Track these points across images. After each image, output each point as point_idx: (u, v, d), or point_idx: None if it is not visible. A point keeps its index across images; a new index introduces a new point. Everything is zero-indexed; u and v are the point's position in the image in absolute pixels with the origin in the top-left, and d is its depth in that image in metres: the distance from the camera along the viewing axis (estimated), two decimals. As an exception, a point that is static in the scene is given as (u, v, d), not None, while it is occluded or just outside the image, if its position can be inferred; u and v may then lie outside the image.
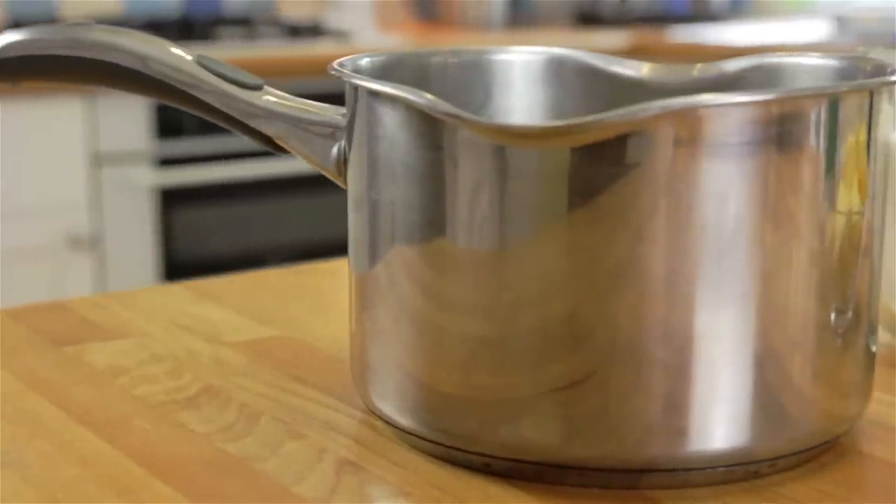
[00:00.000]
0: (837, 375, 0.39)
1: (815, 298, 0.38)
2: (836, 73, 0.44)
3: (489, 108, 0.48)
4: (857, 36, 2.02)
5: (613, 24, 2.26)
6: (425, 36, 2.21)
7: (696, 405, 0.37)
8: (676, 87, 0.47)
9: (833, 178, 0.38)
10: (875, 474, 0.39)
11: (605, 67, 0.48)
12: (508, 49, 0.48)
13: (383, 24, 2.25)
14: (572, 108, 0.48)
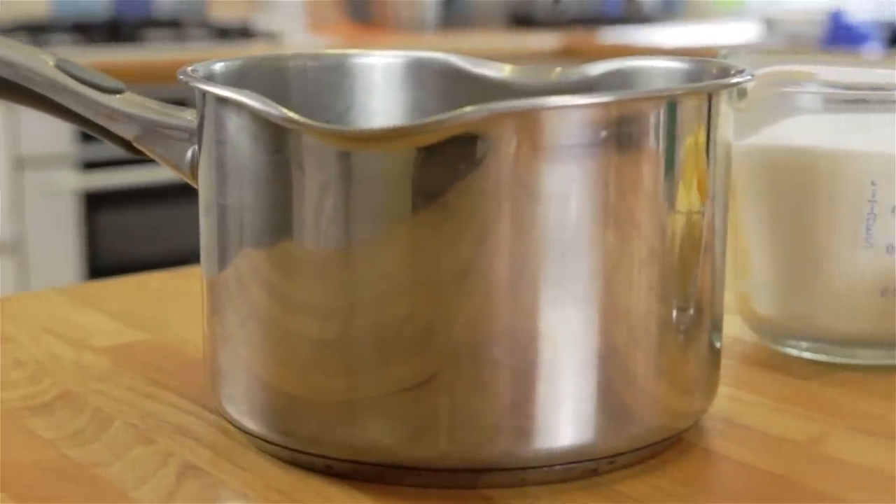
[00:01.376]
0: (680, 372, 0.39)
1: (656, 297, 0.38)
2: (684, 76, 0.44)
3: (351, 111, 0.48)
4: (785, 37, 2.05)
5: (546, 25, 2.27)
6: (357, 38, 2.21)
7: (534, 405, 0.37)
8: (538, 89, 0.47)
9: (673, 179, 0.38)
10: (716, 471, 0.39)
11: (470, 69, 0.49)
12: (370, 52, 0.48)
13: (315, 25, 2.24)
14: (434, 110, 0.48)
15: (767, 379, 0.47)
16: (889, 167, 0.45)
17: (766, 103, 0.47)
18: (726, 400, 0.44)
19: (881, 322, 0.47)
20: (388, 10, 2.29)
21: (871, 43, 1.89)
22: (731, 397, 0.45)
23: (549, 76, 0.47)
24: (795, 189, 0.47)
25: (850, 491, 0.37)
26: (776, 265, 0.48)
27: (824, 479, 0.38)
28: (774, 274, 0.48)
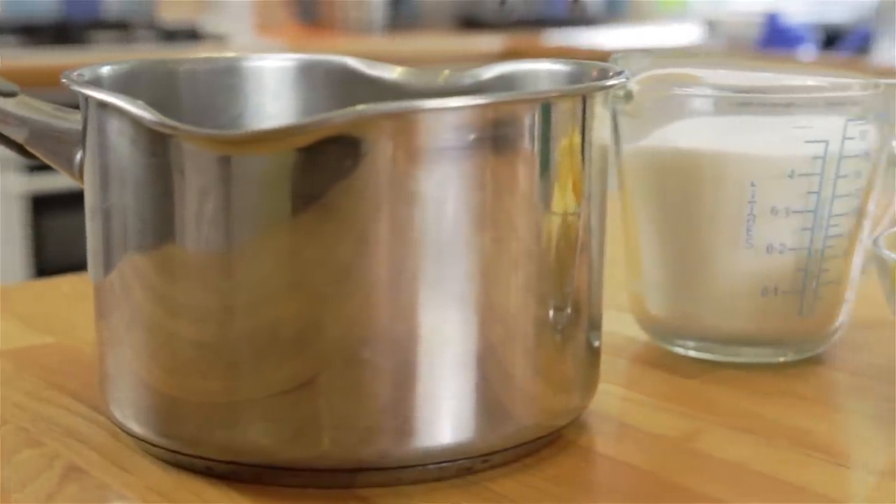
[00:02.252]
0: (557, 371, 0.40)
1: (533, 297, 0.39)
2: (566, 79, 0.45)
3: (245, 114, 0.48)
4: (726, 39, 2.08)
5: (493, 27, 2.28)
6: (305, 39, 2.21)
7: (409, 405, 0.37)
8: (426, 91, 0.48)
9: (548, 180, 0.39)
10: (591, 468, 0.40)
11: (364, 71, 0.49)
12: (264, 55, 0.48)
13: (263, 27, 2.24)
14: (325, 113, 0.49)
15: (654, 377, 0.48)
16: (767, 169, 0.46)
17: (656, 106, 0.48)
18: (610, 398, 0.45)
19: (763, 321, 0.48)
20: (336, 12, 2.29)
21: (806, 45, 1.92)
22: (615, 395, 0.46)
23: (437, 78, 0.48)
24: (681, 191, 0.48)
25: (719, 488, 0.38)
26: (664, 266, 0.49)
27: (694, 476, 0.39)
28: (663, 274, 0.49)
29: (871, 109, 0.47)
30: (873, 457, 0.41)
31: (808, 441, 0.41)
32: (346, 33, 2.26)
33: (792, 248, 0.47)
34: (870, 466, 0.40)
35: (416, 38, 2.23)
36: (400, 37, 2.25)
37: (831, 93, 0.47)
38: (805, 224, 0.46)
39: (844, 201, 0.47)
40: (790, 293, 0.47)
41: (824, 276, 0.48)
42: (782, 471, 0.39)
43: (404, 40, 2.20)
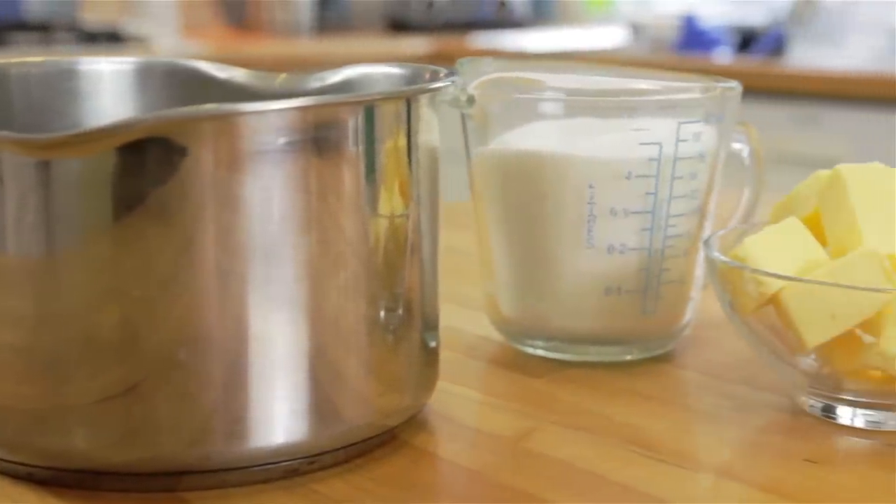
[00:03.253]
0: (388, 371, 0.41)
1: (362, 298, 0.40)
2: (400, 82, 0.46)
3: (83, 118, 0.48)
4: (649, 41, 2.10)
5: (421, 29, 2.29)
6: (232, 41, 2.19)
7: (233, 407, 0.37)
8: (266, 94, 0.48)
9: (374, 183, 0.40)
10: (420, 468, 0.40)
11: (211, 74, 0.49)
12: (99, 59, 0.48)
13: (189, 29, 2.22)
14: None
15: (501, 377, 0.49)
16: (605, 171, 0.47)
17: (502, 110, 0.49)
18: (453, 397, 0.45)
19: (608, 320, 0.48)
20: (263, 14, 2.28)
21: (722, 47, 1.94)
22: (458, 395, 0.46)
23: (274, 82, 0.48)
24: (525, 193, 0.48)
25: (544, 487, 0.38)
26: (513, 267, 0.50)
27: (521, 476, 0.39)
28: (512, 275, 0.50)
29: (705, 112, 0.48)
30: (704, 455, 0.41)
31: (641, 439, 0.42)
32: (272, 35, 2.25)
33: (632, 248, 0.47)
34: (699, 465, 0.40)
35: (344, 40, 2.22)
36: (328, 39, 2.24)
37: (664, 96, 0.48)
38: (644, 224, 0.47)
39: (682, 202, 0.48)
40: (633, 292, 0.48)
41: (666, 275, 0.48)
42: (610, 469, 0.39)
43: (332, 42, 2.20)
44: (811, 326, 0.41)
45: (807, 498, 0.37)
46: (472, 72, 0.49)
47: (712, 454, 0.41)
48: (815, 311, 0.41)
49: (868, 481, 0.38)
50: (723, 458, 0.41)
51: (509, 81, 0.48)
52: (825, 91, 1.67)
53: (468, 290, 0.55)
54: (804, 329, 0.41)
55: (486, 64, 0.51)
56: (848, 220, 0.44)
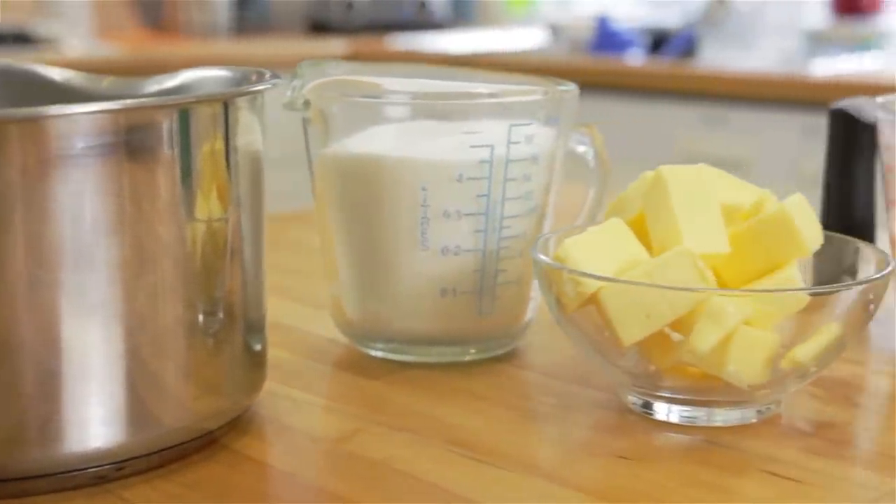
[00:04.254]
0: (206, 374, 0.40)
1: (179, 302, 0.39)
2: (228, 85, 0.46)
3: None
4: (568, 43, 2.11)
5: (340, 31, 2.28)
6: (147, 43, 2.17)
7: (45, 413, 0.37)
8: (90, 97, 0.47)
9: (190, 187, 0.39)
10: (234, 473, 0.40)
11: (44, 76, 0.49)
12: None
13: (103, 31, 2.19)
14: None
15: (338, 380, 0.49)
16: (438, 173, 0.47)
17: (342, 114, 0.49)
18: (283, 400, 0.45)
19: (445, 321, 0.49)
20: (179, 15, 2.26)
21: (635, 49, 1.97)
22: (289, 398, 0.46)
23: (101, 84, 0.47)
24: (363, 195, 0.48)
25: (357, 489, 0.38)
26: (354, 269, 0.50)
27: (335, 478, 0.39)
28: (354, 277, 0.50)
29: (538, 114, 0.48)
30: (521, 454, 0.41)
31: (463, 439, 0.42)
32: (189, 36, 2.23)
33: (467, 250, 0.48)
34: (514, 463, 0.40)
35: (262, 41, 2.21)
36: (246, 40, 2.23)
37: (496, 99, 0.48)
38: (478, 226, 0.48)
39: (516, 203, 0.48)
40: (468, 293, 0.48)
41: (502, 276, 0.49)
42: (427, 470, 0.40)
43: (250, 44, 2.18)
44: (627, 325, 0.42)
45: (612, 494, 0.38)
46: (316, 75, 0.49)
47: (529, 453, 0.41)
48: (631, 310, 0.42)
49: (675, 476, 0.39)
50: (538, 456, 0.41)
51: (344, 84, 0.48)
52: (734, 92, 1.70)
53: (323, 293, 0.55)
54: (620, 328, 0.42)
55: (332, 67, 0.51)
56: (668, 221, 0.44)
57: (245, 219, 0.42)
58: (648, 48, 1.94)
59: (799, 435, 0.43)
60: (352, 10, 2.35)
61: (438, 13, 2.43)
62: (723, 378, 0.42)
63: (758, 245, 0.45)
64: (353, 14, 2.35)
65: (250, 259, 0.42)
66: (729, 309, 0.41)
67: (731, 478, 0.39)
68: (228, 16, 2.28)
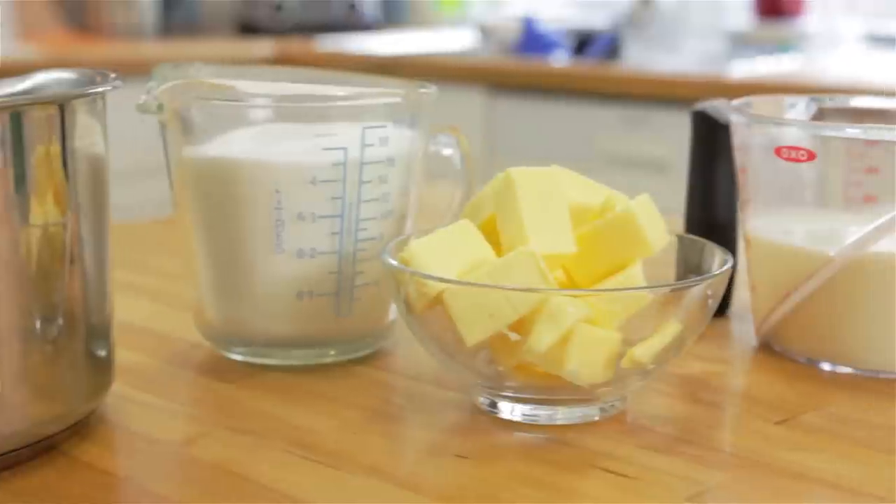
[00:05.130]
0: (43, 380, 0.40)
1: (14, 308, 0.39)
2: (73, 86, 0.45)
3: None
4: (497, 44, 2.12)
5: (269, 32, 2.27)
6: (71, 44, 2.14)
7: None
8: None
9: (24, 191, 0.39)
10: (70, 479, 0.39)
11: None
12: None
13: (26, 32, 2.16)
14: None
15: (192, 384, 0.49)
16: (291, 176, 0.47)
17: (198, 115, 0.49)
18: (131, 405, 0.45)
19: (302, 323, 0.49)
20: (104, 16, 2.23)
21: (560, 50, 1.98)
22: (137, 402, 0.46)
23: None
24: (220, 198, 0.48)
25: (190, 493, 0.39)
26: (213, 272, 0.50)
27: (171, 482, 0.39)
28: (213, 281, 0.50)
29: (393, 116, 0.48)
30: (362, 455, 0.41)
31: (306, 441, 0.42)
32: (114, 38, 2.20)
33: (322, 252, 0.48)
34: (353, 464, 0.41)
35: (190, 43, 2.19)
36: (173, 42, 2.21)
37: (349, 102, 0.48)
38: (333, 228, 0.48)
39: (372, 206, 0.48)
40: (326, 295, 0.49)
41: (360, 278, 0.49)
42: (263, 472, 0.40)
43: (177, 45, 2.16)
44: (470, 325, 0.42)
45: (447, 493, 0.38)
46: (177, 78, 0.49)
47: (371, 454, 0.41)
48: (474, 310, 0.42)
49: (511, 475, 0.40)
50: (379, 457, 0.41)
51: (197, 87, 0.48)
52: (654, 93, 1.72)
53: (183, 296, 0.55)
54: (464, 328, 0.42)
55: (194, 69, 0.51)
56: (516, 222, 0.45)
57: (85, 223, 0.41)
58: (573, 49, 1.96)
59: (639, 432, 0.43)
60: (280, 12, 2.34)
61: (368, 15, 2.42)
62: (563, 377, 0.42)
63: (604, 245, 0.45)
64: (281, 15, 2.34)
65: (92, 264, 0.42)
66: (567, 309, 0.42)
67: (565, 475, 0.40)
68: (154, 17, 2.26)
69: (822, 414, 0.45)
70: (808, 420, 0.45)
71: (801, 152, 0.48)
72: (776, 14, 2.11)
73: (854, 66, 1.84)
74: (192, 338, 0.53)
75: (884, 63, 1.87)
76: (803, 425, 0.44)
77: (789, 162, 0.48)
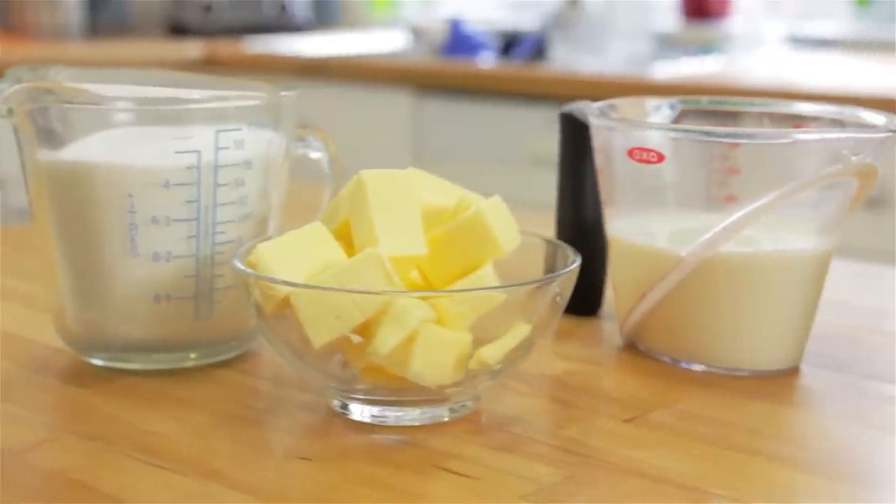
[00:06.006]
0: None
1: None
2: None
3: None
4: (428, 45, 2.13)
5: (199, 33, 2.25)
6: (-5, 45, 2.11)
7: None
8: None
9: None
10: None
11: None
12: None
13: (-52, 32, 2.12)
14: None
15: (47, 390, 0.48)
16: (143, 179, 0.47)
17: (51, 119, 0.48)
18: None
19: (161, 327, 0.48)
20: (28, 16, 2.20)
21: (486, 52, 1.99)
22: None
23: None
24: (75, 202, 0.48)
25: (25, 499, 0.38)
26: (72, 276, 0.49)
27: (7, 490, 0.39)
28: (72, 285, 0.49)
29: (249, 119, 0.48)
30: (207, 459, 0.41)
31: (152, 447, 0.42)
32: (40, 39, 2.17)
33: (178, 256, 0.48)
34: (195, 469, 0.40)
35: (117, 44, 2.17)
36: (100, 43, 2.18)
37: (201, 105, 0.48)
38: (190, 232, 0.48)
39: (229, 209, 0.48)
40: (184, 299, 0.48)
41: (220, 281, 0.49)
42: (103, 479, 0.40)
43: (104, 46, 2.14)
44: (317, 327, 0.42)
45: (282, 494, 0.38)
46: (33, 80, 0.49)
47: (214, 457, 0.41)
48: (321, 312, 0.42)
49: (351, 476, 0.40)
50: (221, 460, 0.41)
51: (49, 90, 0.47)
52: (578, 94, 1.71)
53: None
54: (311, 330, 0.42)
55: (54, 72, 0.50)
56: (367, 224, 0.45)
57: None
58: (500, 51, 1.97)
59: (489, 431, 0.44)
60: (210, 13, 2.32)
61: (300, 16, 2.41)
62: (409, 378, 0.43)
63: (457, 246, 0.46)
64: (211, 16, 2.32)
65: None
66: (412, 310, 0.42)
67: (407, 476, 0.40)
68: (81, 17, 2.24)
69: (670, 411, 0.46)
70: (656, 418, 0.45)
71: (652, 154, 0.48)
72: (702, 15, 2.13)
73: (775, 66, 1.87)
74: (56, 343, 0.52)
75: (804, 64, 1.90)
76: (650, 423, 0.45)
77: (641, 163, 0.49)
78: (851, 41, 2.08)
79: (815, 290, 0.50)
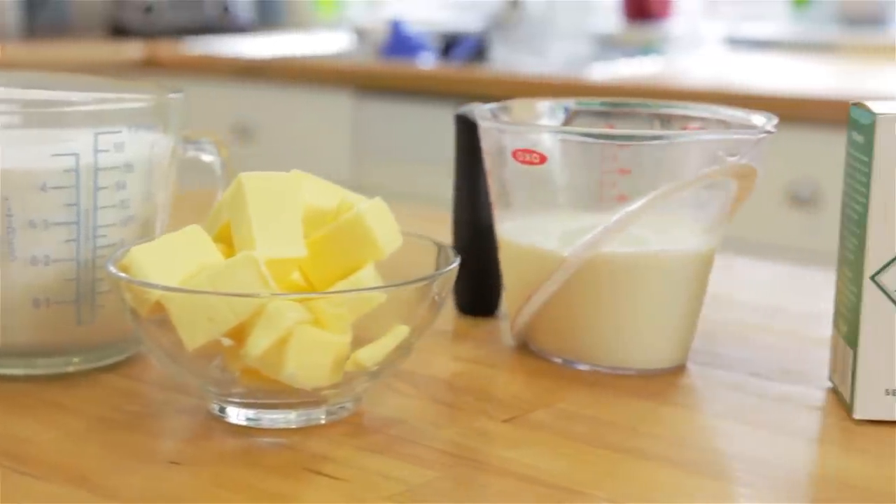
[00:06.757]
0: None
1: None
2: None
3: None
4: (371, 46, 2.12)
5: (139, 34, 2.23)
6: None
7: None
8: None
9: None
10: None
11: None
12: None
13: None
14: None
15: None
16: (19, 182, 0.46)
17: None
18: None
19: (41, 332, 0.48)
20: (-35, 18, 2.17)
21: (427, 53, 1.99)
22: None
23: None
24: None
25: None
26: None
27: None
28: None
29: (130, 122, 0.48)
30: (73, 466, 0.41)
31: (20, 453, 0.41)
32: (-24, 40, 2.14)
33: (58, 260, 0.47)
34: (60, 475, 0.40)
35: (56, 45, 2.14)
36: (38, 44, 2.15)
37: (78, 107, 0.47)
38: (69, 236, 0.47)
39: (110, 212, 0.48)
40: (64, 303, 0.48)
41: (101, 285, 0.48)
42: None
43: (42, 47, 2.11)
44: (191, 330, 0.42)
45: (147, 498, 0.38)
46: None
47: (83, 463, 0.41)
48: (195, 315, 0.42)
49: (218, 480, 0.39)
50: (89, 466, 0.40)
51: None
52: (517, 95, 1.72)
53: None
54: (184, 333, 0.42)
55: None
56: (246, 226, 0.45)
57: None
58: (440, 52, 1.97)
59: (365, 433, 0.44)
60: (151, 14, 2.30)
61: (242, 17, 2.40)
62: (283, 381, 0.43)
63: (337, 248, 0.46)
64: (152, 17, 2.30)
65: None
66: (285, 312, 0.42)
67: (276, 479, 0.40)
68: (18, 18, 2.21)
69: (551, 411, 0.46)
70: (536, 417, 0.46)
71: (534, 155, 0.49)
72: (643, 17, 2.15)
73: (714, 67, 1.89)
74: (-60, 349, 0.51)
75: (742, 65, 1.92)
76: (530, 422, 0.45)
77: (526, 165, 0.49)
78: (789, 42, 2.10)
79: (698, 290, 0.51)
